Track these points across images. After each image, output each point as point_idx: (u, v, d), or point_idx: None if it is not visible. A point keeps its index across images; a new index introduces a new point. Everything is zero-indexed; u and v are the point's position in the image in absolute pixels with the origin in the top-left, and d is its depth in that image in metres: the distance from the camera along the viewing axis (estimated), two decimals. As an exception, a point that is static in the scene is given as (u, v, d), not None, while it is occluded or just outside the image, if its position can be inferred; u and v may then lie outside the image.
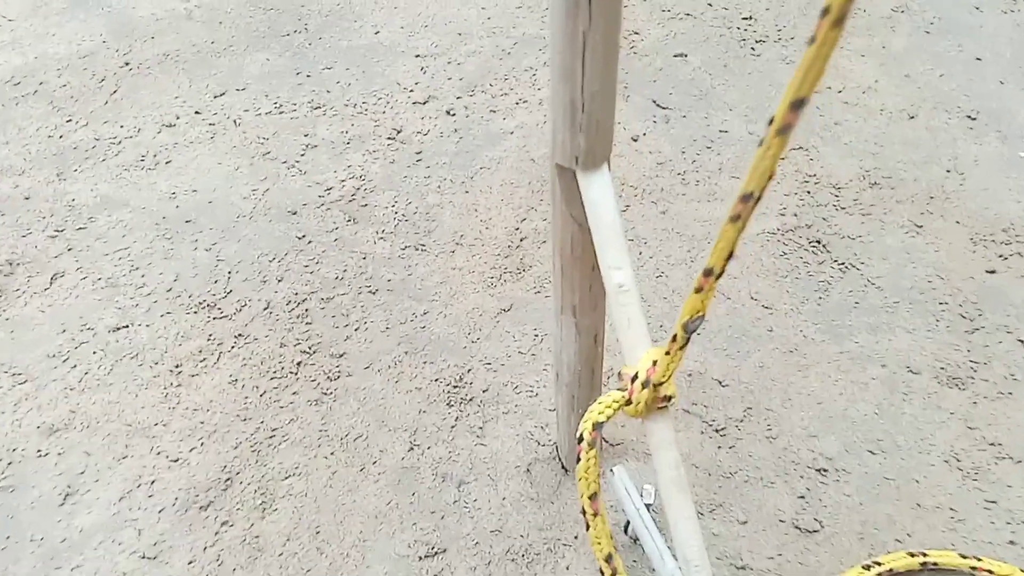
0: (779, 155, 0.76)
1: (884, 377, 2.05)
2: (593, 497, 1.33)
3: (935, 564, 1.68)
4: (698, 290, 1.05)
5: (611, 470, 1.72)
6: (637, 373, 1.25)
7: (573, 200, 1.33)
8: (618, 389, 1.29)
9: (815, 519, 1.78)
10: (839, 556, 1.72)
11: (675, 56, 2.94)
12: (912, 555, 1.69)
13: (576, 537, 1.75)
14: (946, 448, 1.90)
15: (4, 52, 2.85)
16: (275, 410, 1.98)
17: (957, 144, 2.66)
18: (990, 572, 1.66)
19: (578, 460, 1.31)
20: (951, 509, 1.79)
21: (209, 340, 2.11)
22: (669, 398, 1.30)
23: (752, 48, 2.98)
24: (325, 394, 2.02)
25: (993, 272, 2.27)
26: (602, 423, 1.29)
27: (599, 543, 1.37)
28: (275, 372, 2.05)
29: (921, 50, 2.99)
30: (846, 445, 1.92)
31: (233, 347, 2.10)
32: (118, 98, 2.69)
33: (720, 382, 2.05)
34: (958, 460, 1.87)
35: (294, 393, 2.02)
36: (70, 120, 2.62)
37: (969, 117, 2.74)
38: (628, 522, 1.72)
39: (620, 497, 1.67)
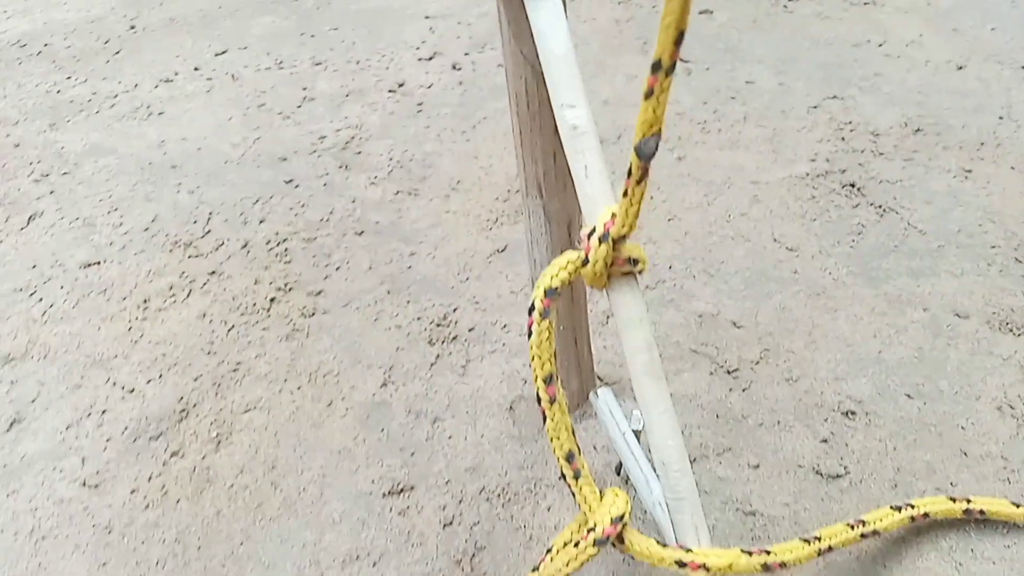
0: None
1: (926, 321, 1.83)
2: (549, 380, 1.13)
3: (982, 512, 1.41)
4: (648, 94, 0.86)
5: (595, 392, 1.51)
6: (594, 228, 1.06)
7: (523, 34, 1.15)
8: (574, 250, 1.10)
9: (840, 464, 1.54)
10: (866, 503, 1.47)
11: (700, 13, 2.76)
12: (954, 500, 1.42)
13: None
14: (998, 394, 1.64)
15: (15, 19, 2.83)
16: (242, 345, 1.83)
17: (1011, 93, 2.42)
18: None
19: (529, 334, 1.11)
20: (1003, 458, 1.53)
21: (181, 277, 1.98)
22: (635, 261, 1.09)
23: (784, 6, 2.79)
24: (297, 330, 1.85)
25: (1052, 212, 2.02)
26: (555, 289, 1.09)
27: (558, 438, 1.16)
28: (246, 308, 1.90)
29: (969, 6, 2.77)
30: (879, 388, 1.68)
31: (205, 284, 1.96)
32: (120, 57, 2.63)
33: (735, 323, 1.84)
34: (1012, 408, 1.62)
35: (264, 329, 1.86)
36: (69, 77, 2.57)
37: (1024, 68, 2.50)
38: (620, 463, 1.51)
39: (604, 421, 1.45)
